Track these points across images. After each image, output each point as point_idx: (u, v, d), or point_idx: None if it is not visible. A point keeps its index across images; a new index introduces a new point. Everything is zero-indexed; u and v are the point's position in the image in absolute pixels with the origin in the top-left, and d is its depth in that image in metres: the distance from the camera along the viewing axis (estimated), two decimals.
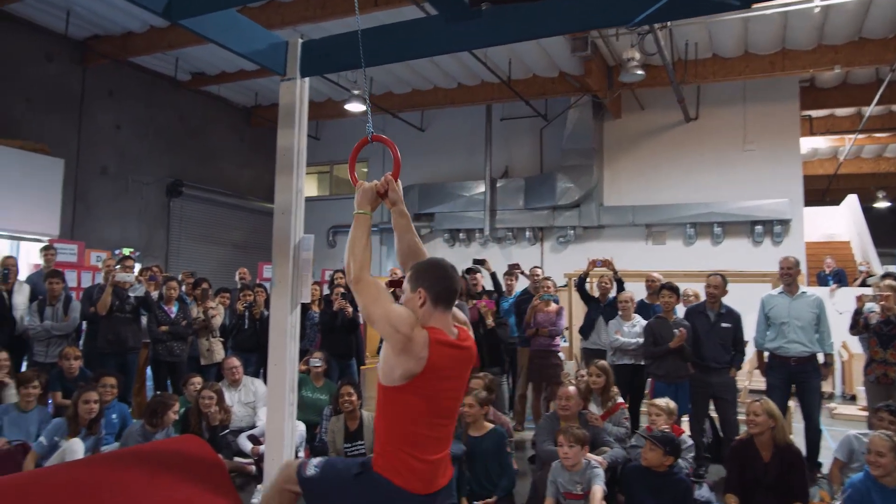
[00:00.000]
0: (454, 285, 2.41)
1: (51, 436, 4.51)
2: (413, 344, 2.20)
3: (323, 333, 6.96)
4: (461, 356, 2.38)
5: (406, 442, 2.28)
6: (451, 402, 2.40)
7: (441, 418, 2.35)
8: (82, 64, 12.88)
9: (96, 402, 4.71)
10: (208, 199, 15.34)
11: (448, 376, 2.32)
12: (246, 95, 15.83)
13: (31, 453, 4.43)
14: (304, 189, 4.17)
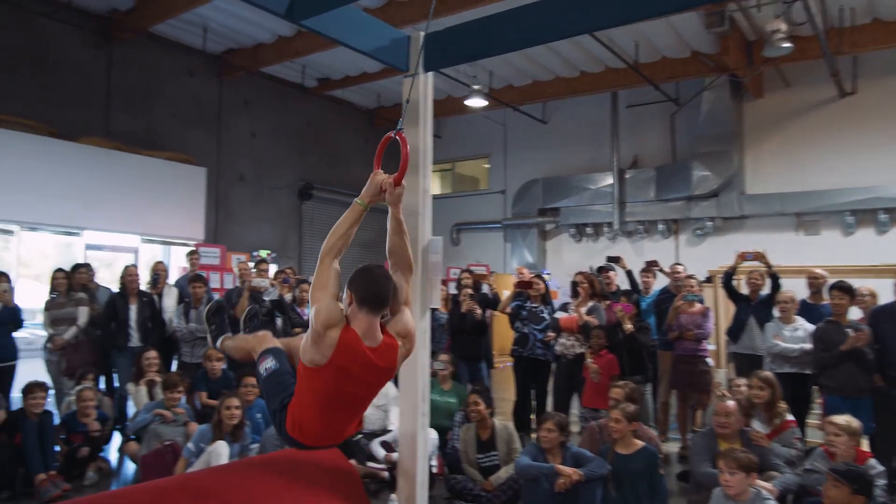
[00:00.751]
0: (378, 291, 2.48)
1: (198, 442, 4.65)
2: (322, 340, 2.36)
3: (451, 335, 6.80)
4: (369, 366, 2.44)
5: (304, 405, 2.47)
6: (348, 400, 2.51)
7: (337, 409, 2.50)
8: (219, 77, 13.67)
9: (238, 408, 4.80)
10: (336, 200, 15.78)
11: (349, 377, 2.42)
12: (369, 97, 16.12)
13: (181, 459, 4.59)
14: (430, 189, 3.98)
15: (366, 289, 2.49)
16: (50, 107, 10.89)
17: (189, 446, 4.63)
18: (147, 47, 12.22)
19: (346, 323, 2.43)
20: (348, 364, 2.39)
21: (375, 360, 2.44)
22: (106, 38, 11.83)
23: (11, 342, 5.60)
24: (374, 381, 2.56)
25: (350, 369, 2.40)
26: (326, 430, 2.55)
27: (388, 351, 2.51)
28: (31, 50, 10.89)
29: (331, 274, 2.53)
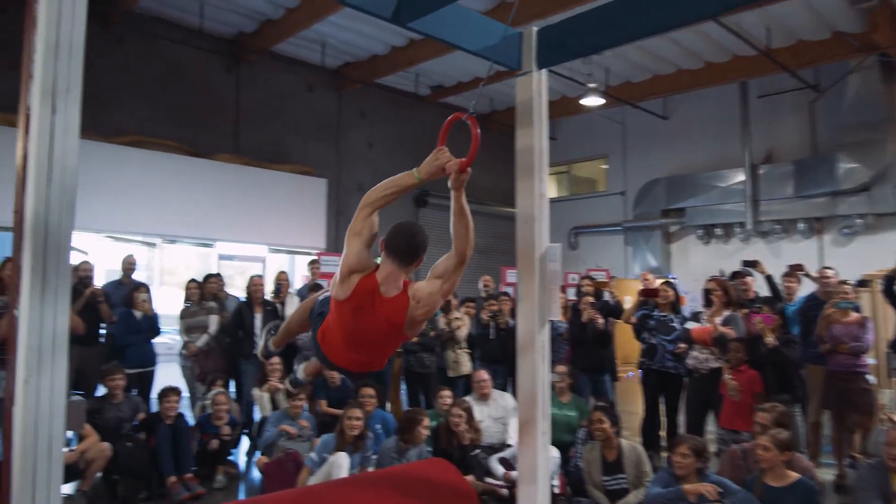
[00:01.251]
0: (401, 242, 2.67)
1: (321, 452, 4.69)
2: (346, 281, 2.55)
3: (571, 345, 6.49)
4: (378, 312, 2.55)
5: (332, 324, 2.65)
6: (362, 340, 2.62)
7: (352, 343, 2.62)
8: (337, 90, 14.12)
9: (359, 419, 4.80)
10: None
11: (362, 319, 2.56)
12: (482, 103, 16.05)
13: (304, 468, 4.65)
14: (547, 193, 3.73)
15: (393, 239, 2.67)
16: (188, 127, 11.70)
17: (312, 456, 4.67)
18: (270, 66, 12.84)
19: (373, 271, 2.59)
20: (362, 306, 2.54)
21: (385, 309, 2.55)
22: (234, 60, 12.56)
23: (151, 349, 5.97)
24: (385, 330, 2.61)
25: (363, 312, 2.55)
26: (344, 355, 2.67)
27: (399, 304, 2.57)
28: (171, 76, 11.76)
29: (366, 224, 2.68)
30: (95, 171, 10.03)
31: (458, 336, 6.46)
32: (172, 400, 4.91)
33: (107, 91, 11.01)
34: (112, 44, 11.22)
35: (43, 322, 2.04)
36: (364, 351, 2.67)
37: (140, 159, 10.57)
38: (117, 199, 10.16)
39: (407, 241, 2.69)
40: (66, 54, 2.16)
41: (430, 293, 2.64)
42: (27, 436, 1.99)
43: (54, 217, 2.09)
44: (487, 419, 5.57)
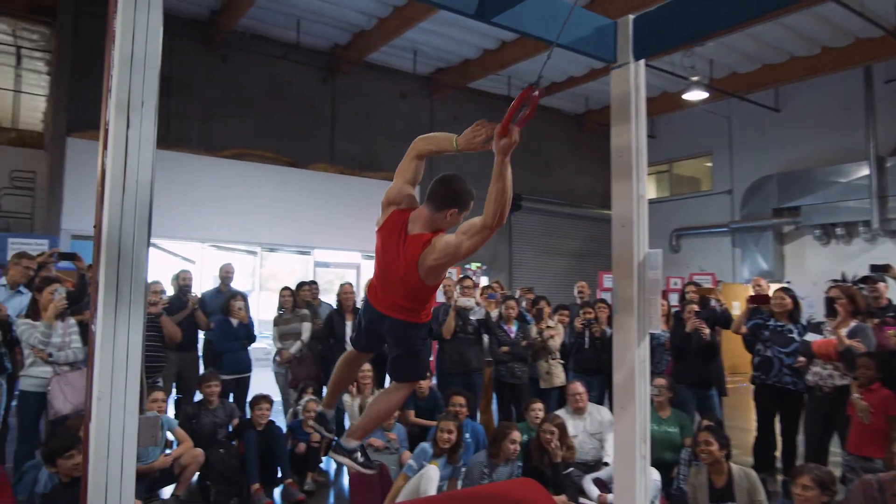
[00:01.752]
0: (436, 186, 2.78)
1: (419, 460, 4.59)
2: (383, 212, 2.82)
3: (674, 356, 6.05)
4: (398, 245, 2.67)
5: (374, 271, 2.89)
6: (385, 273, 2.76)
7: (384, 280, 2.77)
8: (430, 97, 14.16)
9: (451, 432, 4.66)
10: (546, 210, 15.49)
11: (386, 250, 2.73)
12: (576, 102, 15.61)
13: (401, 476, 4.57)
14: (646, 194, 3.43)
15: (431, 184, 2.80)
16: (286, 138, 12.10)
17: (411, 463, 4.58)
18: (364, 76, 13.05)
19: (411, 208, 2.76)
20: (389, 237, 2.70)
21: (407, 245, 2.65)
22: (330, 71, 12.88)
23: (247, 355, 6.11)
24: (404, 268, 2.66)
25: (389, 243, 2.70)
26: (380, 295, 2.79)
27: (418, 241, 2.64)
28: (271, 90, 12.20)
29: (410, 165, 2.90)
30: (201, 184, 10.55)
31: (551, 346, 6.18)
32: (264, 407, 4.98)
33: (213, 108, 11.57)
34: (217, 63, 11.78)
35: (116, 337, 2.01)
36: (391, 290, 2.75)
37: (241, 171, 11.02)
38: (220, 210, 10.63)
39: (441, 185, 2.77)
40: (141, 67, 2.14)
41: (447, 244, 2.62)
42: (99, 453, 1.97)
43: (128, 230, 2.06)
44: (582, 434, 5.27)
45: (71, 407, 4.29)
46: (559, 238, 15.70)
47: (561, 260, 15.67)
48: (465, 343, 5.90)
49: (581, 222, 15.96)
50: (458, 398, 5.07)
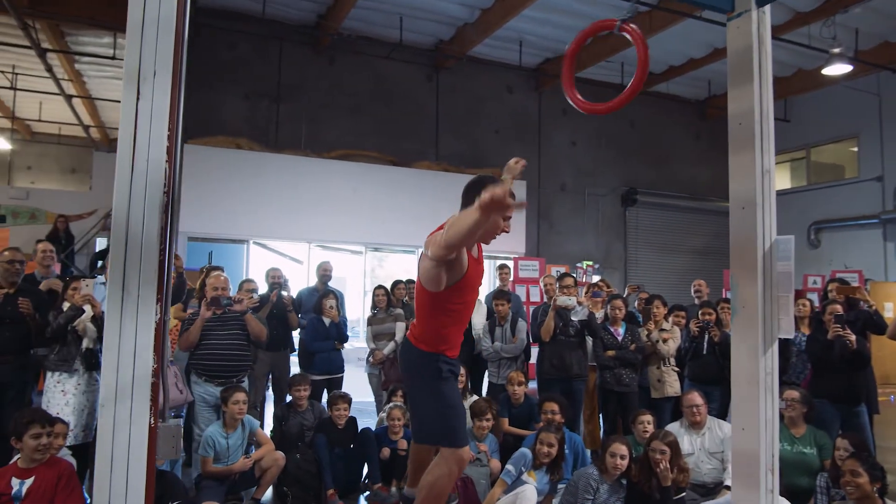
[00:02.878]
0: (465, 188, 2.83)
1: (518, 465, 4.21)
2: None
3: (813, 365, 5.19)
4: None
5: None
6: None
7: None
8: (537, 89, 13.63)
9: (552, 445, 4.21)
10: (664, 204, 14.48)
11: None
12: (697, 87, 14.44)
13: (499, 482, 4.20)
14: (773, 170, 2.81)
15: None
16: (391, 137, 12.06)
17: (509, 468, 4.20)
18: (468, 71, 12.76)
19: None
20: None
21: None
22: (434, 68, 12.71)
23: (339, 355, 5.95)
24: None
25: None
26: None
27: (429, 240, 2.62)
28: (376, 90, 12.22)
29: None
30: (308, 185, 10.71)
31: (663, 351, 5.50)
32: (341, 407, 4.75)
33: (320, 111, 11.75)
34: (325, 66, 11.96)
35: (122, 338, 1.77)
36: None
37: (347, 171, 11.08)
38: (327, 210, 10.73)
39: (469, 186, 2.80)
40: (154, 32, 1.89)
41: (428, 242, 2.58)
42: (103, 467, 1.73)
43: (137, 215, 1.82)
44: (700, 453, 4.60)
45: None
46: (679, 234, 14.60)
47: (681, 258, 14.56)
48: (565, 346, 5.37)
49: (704, 217, 14.74)
50: (550, 404, 4.59)
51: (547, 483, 4.32)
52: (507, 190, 2.14)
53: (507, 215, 2.60)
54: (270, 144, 10.97)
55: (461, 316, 2.82)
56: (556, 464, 4.32)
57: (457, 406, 2.79)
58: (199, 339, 4.59)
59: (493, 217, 2.36)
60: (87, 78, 15.03)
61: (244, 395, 4.31)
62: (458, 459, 2.72)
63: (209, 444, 4.19)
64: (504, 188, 2.11)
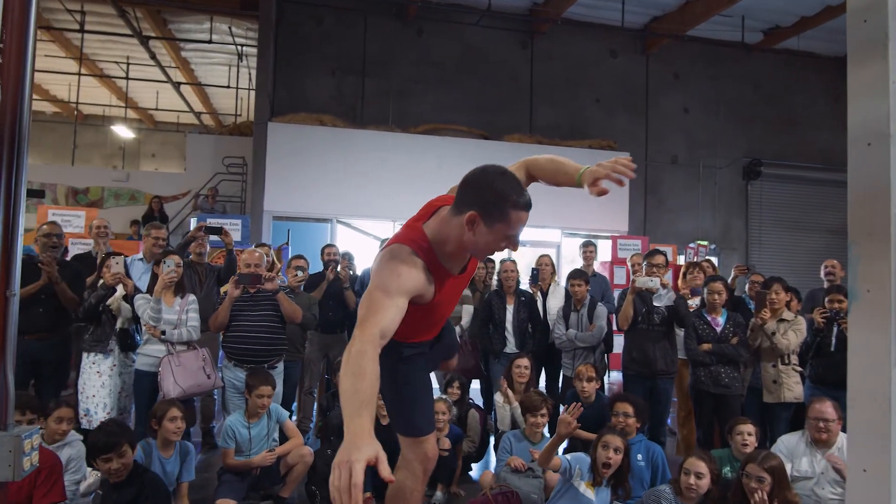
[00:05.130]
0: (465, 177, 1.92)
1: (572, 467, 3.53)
2: None
3: None
4: None
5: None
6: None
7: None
8: (644, 52, 12.39)
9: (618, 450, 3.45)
10: (794, 176, 12.78)
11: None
12: (835, 41, 12.50)
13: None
14: None
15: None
16: (481, 110, 11.38)
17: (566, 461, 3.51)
18: (566, 36, 11.80)
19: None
20: None
21: None
22: (528, 34, 11.86)
23: None
24: None
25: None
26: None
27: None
28: (466, 61, 11.57)
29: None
30: (394, 162, 10.27)
31: (782, 345, 4.45)
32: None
33: (408, 84, 11.29)
34: (413, 38, 11.47)
35: None
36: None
37: (434, 146, 10.54)
38: (413, 188, 10.25)
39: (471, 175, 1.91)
40: None
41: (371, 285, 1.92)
42: None
43: None
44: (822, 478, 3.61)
45: (180, 390, 3.95)
46: (811, 210, 12.80)
47: (813, 238, 12.77)
48: (648, 336, 4.50)
49: (841, 191, 12.79)
50: (622, 405, 3.79)
51: (606, 498, 3.55)
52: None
53: (510, 238, 1.83)
54: (356, 120, 10.65)
55: (426, 322, 2.14)
56: (621, 477, 3.54)
57: (414, 386, 2.24)
58: (230, 321, 4.22)
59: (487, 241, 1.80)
60: (195, 65, 15.57)
61: (270, 388, 3.88)
62: (419, 455, 2.22)
63: (229, 434, 3.81)
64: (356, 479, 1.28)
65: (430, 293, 1.89)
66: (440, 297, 1.96)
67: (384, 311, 1.68)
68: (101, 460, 2.88)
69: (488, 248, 1.84)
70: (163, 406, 3.49)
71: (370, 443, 1.37)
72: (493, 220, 1.76)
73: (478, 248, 1.85)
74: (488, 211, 1.76)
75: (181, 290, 4.25)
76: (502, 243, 1.82)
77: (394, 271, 1.77)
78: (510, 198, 1.76)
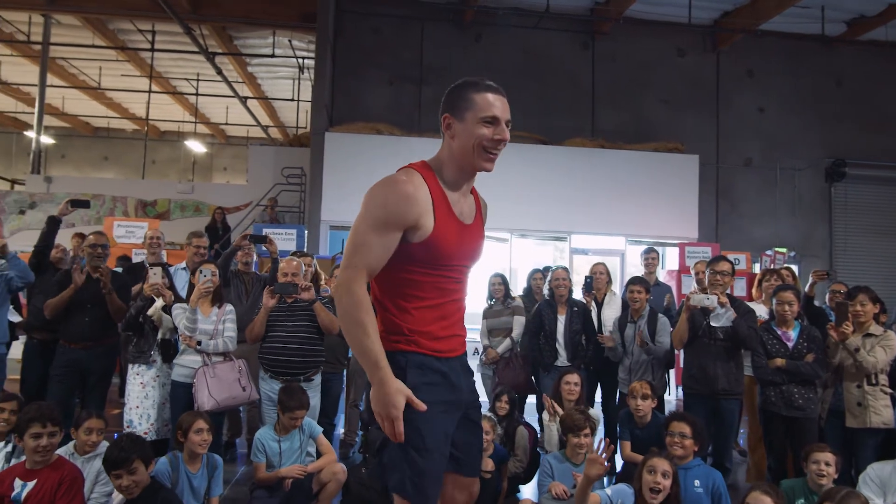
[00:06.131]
0: None
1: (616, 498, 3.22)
2: None
3: None
4: None
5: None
6: None
7: None
8: (714, 49, 11.78)
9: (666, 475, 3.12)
10: (882, 177, 11.85)
11: None
12: None
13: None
14: None
15: None
16: (539, 114, 11.07)
17: (606, 497, 3.22)
18: (629, 36, 11.36)
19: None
20: None
21: None
22: (590, 35, 11.49)
23: None
24: None
25: None
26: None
27: None
28: (525, 64, 11.32)
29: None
30: None
31: (868, 363, 3.93)
32: None
33: None
34: (470, 44, 11.32)
35: None
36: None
37: None
38: None
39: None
40: None
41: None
42: None
43: None
44: None
45: (214, 403, 3.87)
46: None
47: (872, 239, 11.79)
48: (708, 352, 4.08)
49: None
50: (678, 424, 3.43)
51: None
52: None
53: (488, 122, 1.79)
54: (413, 129, 10.56)
55: (436, 290, 1.83)
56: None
57: (421, 432, 1.73)
58: (266, 332, 4.13)
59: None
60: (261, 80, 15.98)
61: (304, 411, 3.75)
62: None
63: (259, 448, 3.69)
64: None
65: (427, 223, 1.75)
66: (444, 240, 1.78)
67: (368, 250, 1.70)
68: (112, 476, 2.80)
69: (474, 144, 1.79)
70: (189, 418, 3.40)
71: (397, 391, 1.67)
72: (462, 112, 1.79)
73: (465, 150, 1.80)
74: (455, 105, 1.80)
75: (218, 299, 4.19)
76: (483, 131, 1.78)
77: (380, 202, 1.74)
78: (469, 84, 1.81)
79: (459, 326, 1.94)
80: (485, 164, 1.83)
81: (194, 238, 4.86)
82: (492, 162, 1.85)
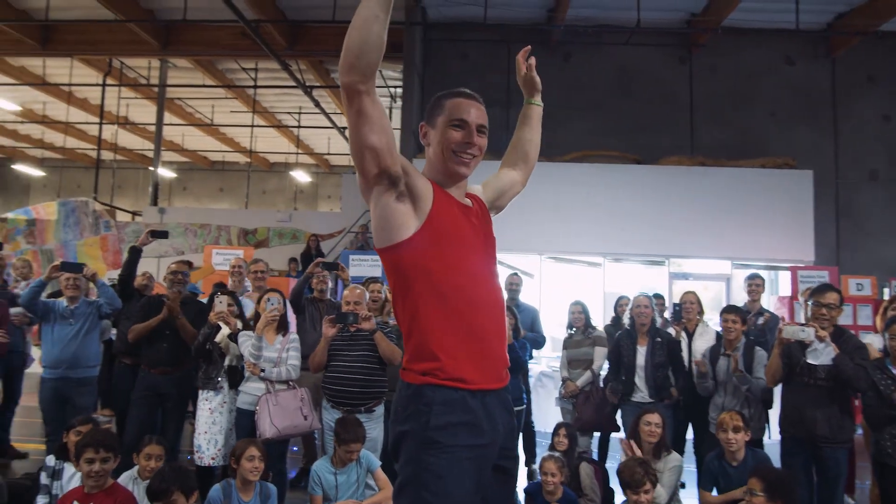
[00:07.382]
0: None
1: None
2: None
3: None
4: None
5: None
6: None
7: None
8: (829, 55, 10.86)
9: None
10: None
11: None
12: None
13: None
14: None
15: None
16: (634, 133, 10.65)
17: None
18: (730, 46, 10.71)
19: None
20: None
21: None
22: (686, 49, 10.94)
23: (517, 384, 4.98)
24: None
25: None
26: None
27: None
28: (617, 82, 10.95)
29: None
30: (540, 193, 9.85)
31: None
32: None
33: (556, 111, 10.87)
34: (559, 63, 11.10)
35: None
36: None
37: (583, 174, 9.98)
38: (560, 218, 9.76)
39: None
40: None
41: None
42: None
43: None
44: None
45: (275, 431, 3.85)
46: None
47: None
48: (807, 394, 3.57)
49: None
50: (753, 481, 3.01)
51: None
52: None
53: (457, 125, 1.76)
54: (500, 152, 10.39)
55: (454, 292, 1.65)
56: None
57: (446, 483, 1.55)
58: (328, 361, 4.09)
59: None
60: None
61: (360, 445, 3.65)
62: None
63: (315, 480, 3.63)
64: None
65: (427, 199, 1.70)
66: (447, 214, 1.72)
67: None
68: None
69: (448, 147, 1.75)
70: (242, 445, 3.40)
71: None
72: (434, 118, 1.79)
73: (439, 156, 1.76)
74: (430, 113, 1.81)
75: (283, 327, 4.21)
76: (452, 134, 1.74)
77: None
78: (444, 93, 1.81)
79: (492, 349, 1.71)
80: (457, 167, 1.75)
81: (252, 265, 4.95)
82: (466, 166, 1.77)
